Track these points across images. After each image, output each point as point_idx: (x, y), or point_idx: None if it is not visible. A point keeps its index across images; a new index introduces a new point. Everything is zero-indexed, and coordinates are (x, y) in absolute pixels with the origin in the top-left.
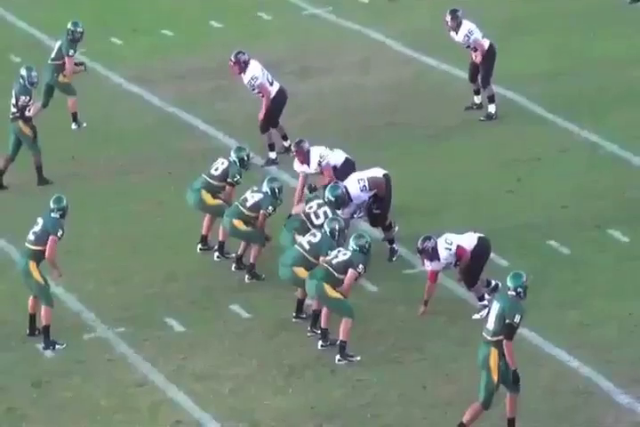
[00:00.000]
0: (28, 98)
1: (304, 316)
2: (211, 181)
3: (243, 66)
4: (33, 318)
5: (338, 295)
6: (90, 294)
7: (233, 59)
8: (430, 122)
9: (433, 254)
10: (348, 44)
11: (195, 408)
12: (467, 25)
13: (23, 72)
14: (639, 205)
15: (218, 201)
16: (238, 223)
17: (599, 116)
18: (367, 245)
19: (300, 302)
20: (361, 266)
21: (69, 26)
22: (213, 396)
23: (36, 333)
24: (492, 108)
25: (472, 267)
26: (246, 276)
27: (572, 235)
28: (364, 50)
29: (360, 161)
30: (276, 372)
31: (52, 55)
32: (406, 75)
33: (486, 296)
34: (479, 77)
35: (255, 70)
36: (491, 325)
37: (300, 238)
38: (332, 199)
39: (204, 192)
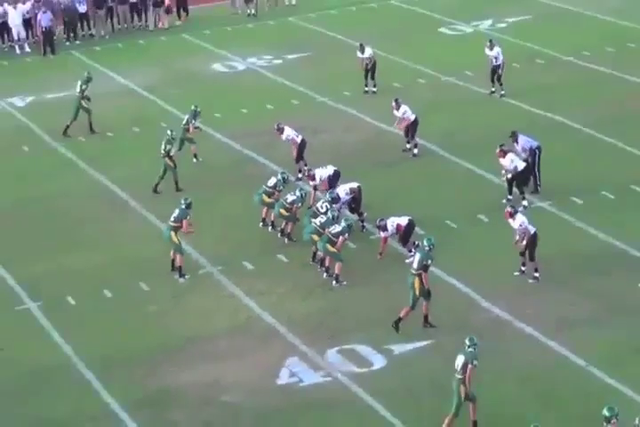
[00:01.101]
0: (171, 146)
1: (316, 260)
2: (267, 189)
3: (281, 130)
4: (173, 261)
5: (334, 250)
6: (204, 249)
7: (276, 127)
8: (384, 158)
9: (384, 228)
10: (338, 117)
11: (259, 309)
12: (403, 107)
13: (168, 132)
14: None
15: (271, 200)
16: (283, 211)
17: (476, 154)
18: (350, 223)
19: (314, 253)
20: (346, 235)
21: (192, 107)
22: (268, 302)
23: (174, 269)
24: (415, 151)
25: (405, 234)
26: (286, 239)
27: (459, 218)
28: (347, 120)
29: (345, 178)
30: (301, 290)
31: (183, 122)
32: (371, 134)
33: (412, 250)
34: (410, 135)
35: (288, 131)
36: (415, 264)
37: (314, 220)
38: (330, 199)
39: (263, 195)
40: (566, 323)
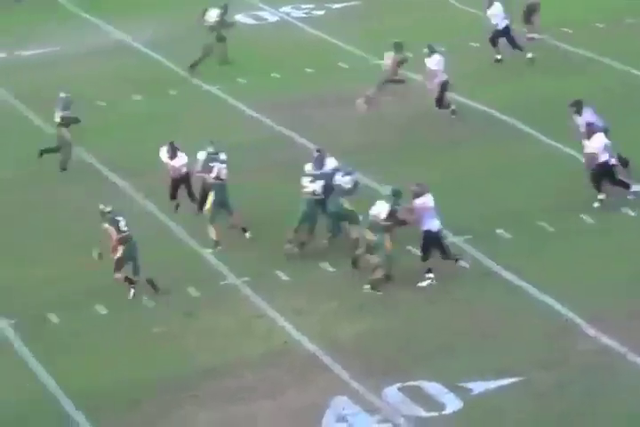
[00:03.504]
0: None
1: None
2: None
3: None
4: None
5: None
6: (226, 253)
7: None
8: (453, 134)
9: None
10: (399, 85)
11: (297, 333)
12: (435, 58)
13: None
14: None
15: None
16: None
17: (558, 131)
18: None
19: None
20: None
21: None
22: (308, 324)
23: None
24: (453, 107)
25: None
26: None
27: (556, 218)
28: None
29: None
30: (351, 307)
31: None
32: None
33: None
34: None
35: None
36: None
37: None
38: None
39: None
40: None
